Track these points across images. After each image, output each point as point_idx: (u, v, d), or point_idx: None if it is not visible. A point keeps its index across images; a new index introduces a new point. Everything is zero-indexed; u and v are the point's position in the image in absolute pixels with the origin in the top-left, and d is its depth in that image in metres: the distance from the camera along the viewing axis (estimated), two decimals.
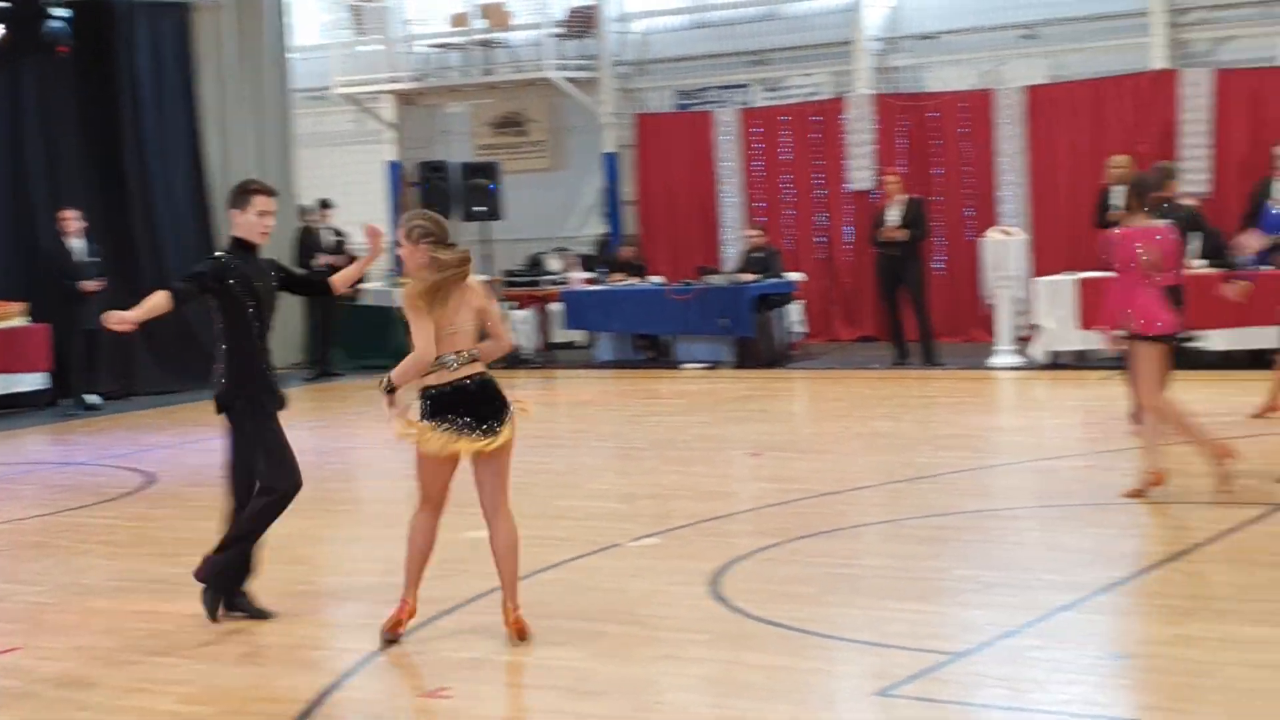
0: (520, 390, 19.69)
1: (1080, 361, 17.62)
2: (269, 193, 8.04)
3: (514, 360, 20.71)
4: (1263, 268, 15.83)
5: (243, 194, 8.00)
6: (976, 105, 20.96)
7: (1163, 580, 8.21)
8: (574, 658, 7.13)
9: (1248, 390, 13.59)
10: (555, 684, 6.78)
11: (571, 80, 23.31)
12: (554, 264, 22.21)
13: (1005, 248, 18.06)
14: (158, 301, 7.76)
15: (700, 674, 6.88)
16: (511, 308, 21.12)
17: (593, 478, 12.40)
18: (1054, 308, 17.26)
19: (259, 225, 7.96)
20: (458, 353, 7.28)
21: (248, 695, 6.83)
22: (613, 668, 6.97)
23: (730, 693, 6.57)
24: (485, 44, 23.79)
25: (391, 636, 7.36)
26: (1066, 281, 17.36)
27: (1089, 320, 17.00)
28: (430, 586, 8.12)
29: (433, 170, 21.64)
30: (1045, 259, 19.05)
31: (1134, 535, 9.37)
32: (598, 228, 23.83)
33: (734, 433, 14.29)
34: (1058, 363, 17.47)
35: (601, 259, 22.09)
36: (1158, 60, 19.93)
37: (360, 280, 8.65)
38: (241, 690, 6.92)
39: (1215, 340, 15.75)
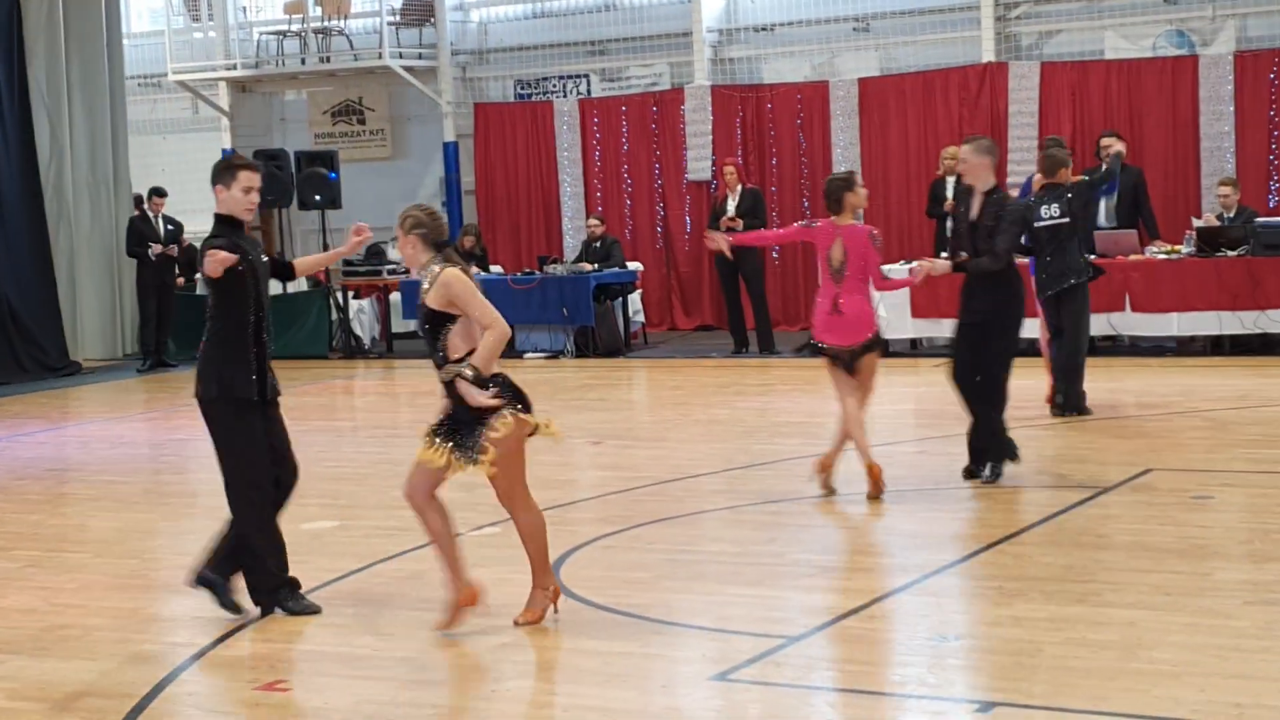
0: (361, 381, 19.49)
1: (913, 349, 17.93)
2: (254, 168, 7.76)
3: (354, 351, 20.59)
4: None
5: (227, 169, 7.69)
6: (811, 97, 21.20)
7: (991, 562, 8.38)
8: (413, 647, 7.12)
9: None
10: (393, 675, 6.76)
11: (410, 69, 23.17)
12: (394, 253, 22.06)
13: None
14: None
15: (540, 660, 6.90)
16: (351, 297, 20.99)
17: None
18: (887, 296, 17.48)
19: (245, 202, 7.67)
20: None
21: (78, 690, 6.72)
22: (452, 656, 6.97)
23: (570, 679, 6.61)
24: (323, 31, 23.55)
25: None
26: (899, 271, 17.62)
27: (920, 309, 17.31)
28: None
29: (270, 159, 21.38)
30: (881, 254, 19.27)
31: (964, 519, 9.55)
32: None
33: (575, 421, 14.31)
34: (891, 351, 17.72)
35: None
36: (987, 53, 20.31)
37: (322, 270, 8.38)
38: (72, 685, 6.80)
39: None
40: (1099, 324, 16.66)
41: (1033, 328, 12.60)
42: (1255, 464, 10.72)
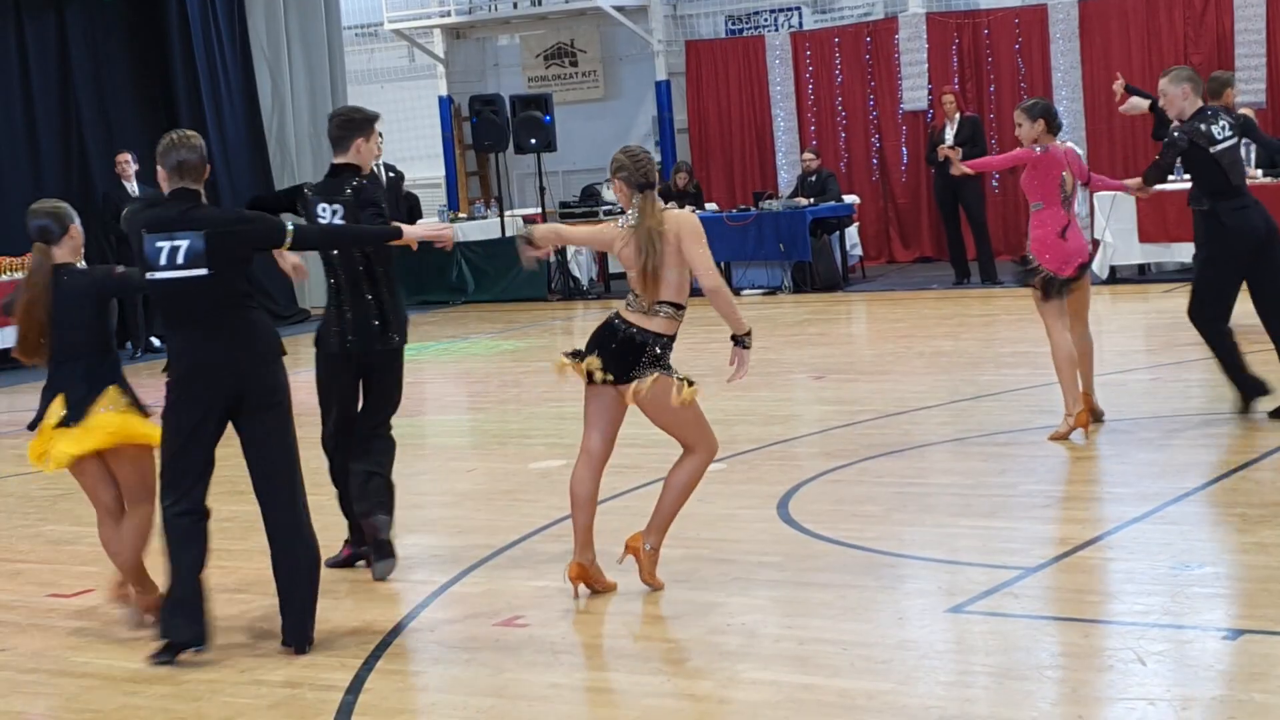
0: (580, 321, 19.63)
1: (1141, 275, 17.50)
2: (377, 117, 7.80)
3: (571, 292, 20.75)
4: None
5: (366, 121, 7.62)
6: (1030, 21, 20.75)
7: (1232, 489, 8.16)
8: (643, 585, 7.15)
9: None
10: (629, 610, 6.81)
11: (621, 9, 23.19)
12: (609, 194, 22.15)
13: None
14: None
15: (771, 596, 6.90)
16: None
17: None
18: (1113, 222, 17.09)
19: (375, 151, 7.75)
20: None
21: (321, 629, 6.80)
22: (683, 592, 6.99)
23: (802, 613, 6.60)
24: None
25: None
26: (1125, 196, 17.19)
27: (1148, 234, 16.86)
28: (503, 515, 8.19)
29: (485, 104, 21.60)
30: (1103, 174, 18.83)
31: (1201, 446, 9.31)
32: (652, 156, 23.72)
33: (795, 357, 14.27)
34: (1119, 277, 17.34)
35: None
36: None
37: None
38: (317, 626, 6.88)
39: None
40: None
41: None
42: None
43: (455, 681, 6.18)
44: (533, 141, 21.30)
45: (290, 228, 6.75)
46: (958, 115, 18.48)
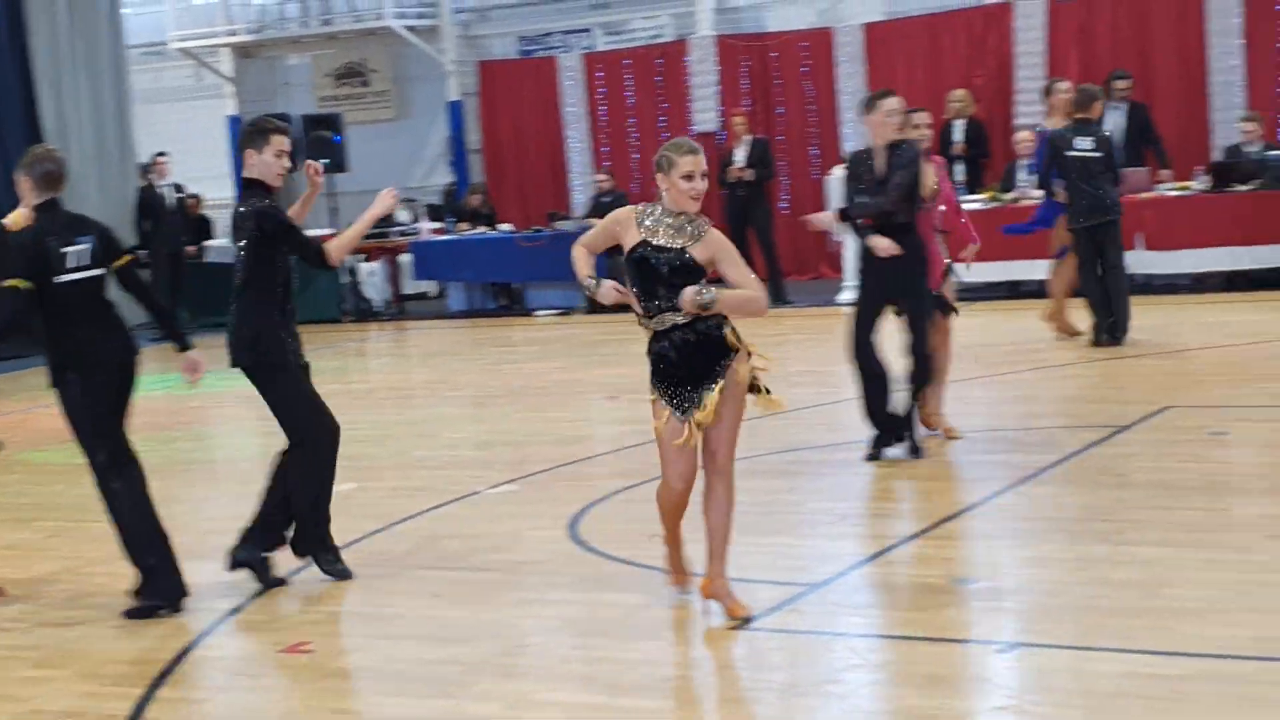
0: (373, 343, 19.46)
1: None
2: (286, 131, 7.60)
3: (365, 314, 20.57)
4: None
5: (260, 133, 7.51)
6: (816, 44, 21.09)
7: (1012, 504, 8.36)
8: (436, 605, 7.13)
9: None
10: (418, 633, 6.77)
11: (412, 29, 23.09)
12: (402, 215, 22.03)
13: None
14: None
15: (562, 615, 6.90)
16: (361, 260, 20.96)
17: (449, 427, 12.36)
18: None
19: (277, 166, 7.53)
20: None
21: (103, 658, 6.74)
22: (475, 613, 6.97)
23: (593, 632, 6.61)
24: None
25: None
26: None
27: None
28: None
29: None
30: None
31: (982, 462, 9.53)
32: (445, 177, 23.67)
33: (590, 378, 14.32)
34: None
35: (450, 208, 21.95)
36: None
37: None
38: (98, 653, 6.82)
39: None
40: None
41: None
42: (1272, 399, 10.69)
43: (240, 708, 6.09)
44: (324, 162, 21.00)
45: None
46: (748, 137, 18.71)
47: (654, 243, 6.54)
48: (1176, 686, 5.49)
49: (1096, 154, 12.99)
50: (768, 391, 6.74)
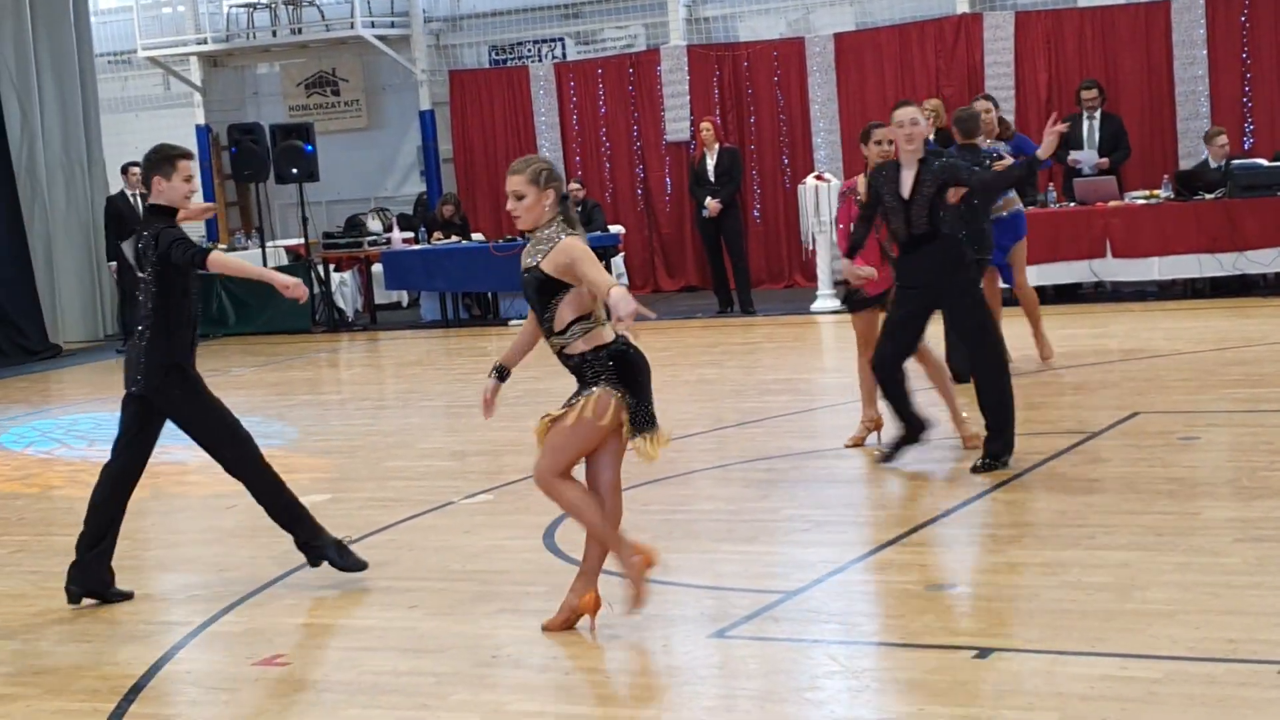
0: (345, 354, 19.44)
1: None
2: (191, 155, 7.66)
3: (337, 324, 20.54)
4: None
5: (166, 160, 7.52)
6: (787, 54, 21.15)
7: (984, 510, 8.41)
8: (412, 616, 7.12)
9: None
10: (393, 644, 6.77)
11: (383, 38, 23.08)
12: (373, 224, 22.00)
13: (821, 194, 18.24)
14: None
15: (538, 625, 6.90)
16: (332, 270, 20.93)
17: (423, 437, 12.35)
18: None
19: (185, 190, 7.56)
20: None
21: (75, 673, 6.71)
22: (449, 624, 6.97)
23: (570, 642, 6.62)
24: (293, 2, 23.43)
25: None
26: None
27: None
28: (266, 550, 8.09)
29: (244, 133, 21.26)
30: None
31: (954, 469, 9.55)
32: (416, 186, 23.66)
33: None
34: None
35: (421, 218, 21.93)
36: (962, 4, 20.27)
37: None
38: (68, 668, 6.79)
39: None
40: (1081, 270, 16.77)
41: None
42: (1238, 404, 10.77)
43: None
44: (294, 171, 21.02)
45: None
46: (717, 145, 18.74)
47: (522, 267, 6.66)
48: (1149, 689, 5.53)
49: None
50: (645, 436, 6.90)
